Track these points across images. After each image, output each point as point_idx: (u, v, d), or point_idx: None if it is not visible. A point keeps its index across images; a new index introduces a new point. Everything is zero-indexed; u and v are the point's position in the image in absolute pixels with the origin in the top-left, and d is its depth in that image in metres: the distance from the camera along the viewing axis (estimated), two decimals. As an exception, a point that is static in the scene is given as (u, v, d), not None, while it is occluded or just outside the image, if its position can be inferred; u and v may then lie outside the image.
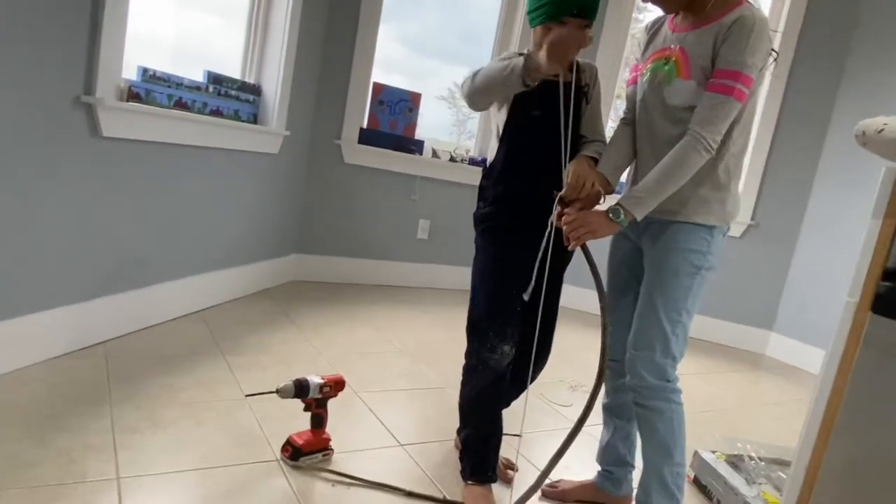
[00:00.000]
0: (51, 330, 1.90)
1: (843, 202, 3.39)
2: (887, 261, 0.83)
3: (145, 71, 2.16)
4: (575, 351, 2.87)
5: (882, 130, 0.82)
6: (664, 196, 1.30)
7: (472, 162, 3.79)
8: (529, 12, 1.46)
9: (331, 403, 1.66)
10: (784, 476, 1.72)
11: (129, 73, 2.11)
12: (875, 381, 0.84)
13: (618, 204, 1.32)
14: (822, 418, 0.87)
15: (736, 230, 3.59)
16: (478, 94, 1.48)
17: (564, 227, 1.35)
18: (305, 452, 1.57)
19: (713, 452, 1.86)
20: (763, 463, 1.80)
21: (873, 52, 3.35)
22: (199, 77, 2.47)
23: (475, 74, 1.47)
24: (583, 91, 1.54)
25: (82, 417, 1.62)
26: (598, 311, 1.39)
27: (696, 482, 1.82)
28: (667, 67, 1.36)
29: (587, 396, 1.37)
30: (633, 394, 1.42)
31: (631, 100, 1.49)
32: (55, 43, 1.74)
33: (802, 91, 3.51)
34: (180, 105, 2.32)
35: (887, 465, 0.84)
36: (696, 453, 1.85)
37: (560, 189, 1.39)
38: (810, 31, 3.46)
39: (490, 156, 1.64)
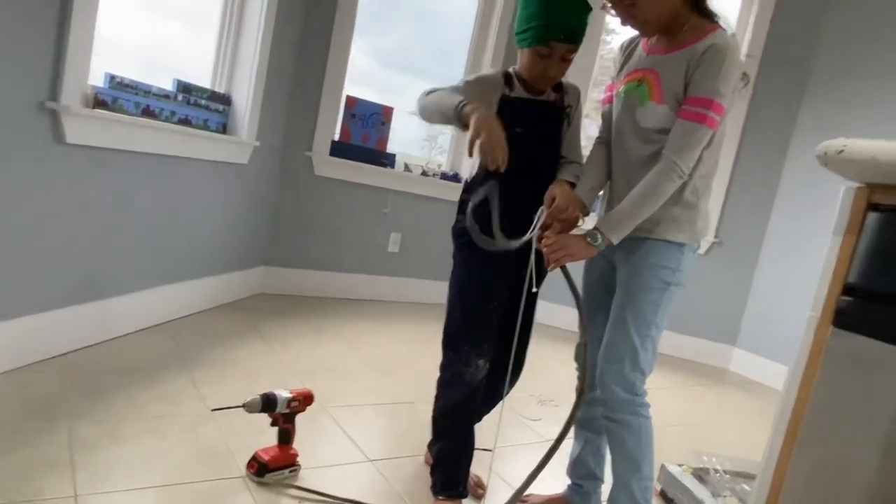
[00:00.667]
0: (5, 342, 1.82)
1: (802, 220, 3.51)
2: (847, 276, 0.86)
3: (112, 78, 2.12)
4: (544, 365, 2.89)
5: (842, 151, 0.86)
6: (640, 220, 1.34)
7: (444, 176, 3.81)
8: (517, 33, 1.47)
9: (298, 418, 1.64)
10: (748, 488, 1.75)
11: (97, 80, 2.07)
12: (836, 391, 0.87)
13: (595, 228, 1.35)
14: (787, 429, 0.89)
15: (700, 247, 3.67)
16: (425, 114, 1.53)
17: (544, 250, 1.37)
18: (272, 468, 1.54)
19: (680, 466, 1.88)
20: (728, 476, 1.83)
21: (832, 77, 3.49)
22: (168, 85, 2.44)
23: (430, 92, 1.49)
24: (565, 112, 1.57)
25: (38, 433, 1.56)
26: (569, 326, 1.42)
27: (663, 495, 1.85)
28: (640, 89, 1.38)
29: (557, 412, 1.38)
30: (603, 407, 1.43)
31: (606, 119, 1.52)
32: (20, 46, 1.69)
33: (764, 113, 3.64)
34: (148, 113, 2.28)
35: (850, 474, 0.86)
36: (662, 466, 1.87)
37: (537, 209, 1.42)
38: (772, 55, 3.60)
39: (467, 170, 1.65)
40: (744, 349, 3.74)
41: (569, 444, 1.71)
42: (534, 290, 1.41)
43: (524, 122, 1.51)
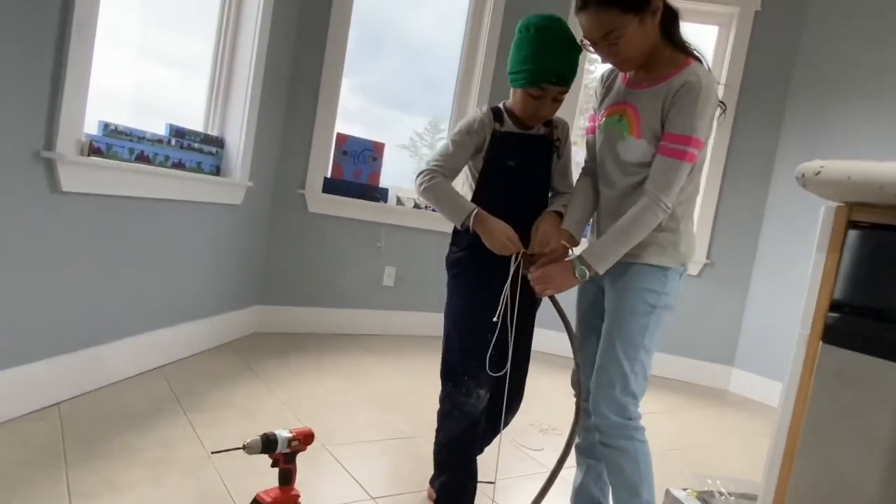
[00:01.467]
0: (2, 392, 1.81)
1: (791, 239, 3.55)
2: (833, 293, 0.88)
3: (107, 125, 2.15)
4: (546, 394, 2.88)
5: (819, 172, 0.89)
6: (623, 251, 1.37)
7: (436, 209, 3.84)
8: (510, 73, 1.51)
9: (299, 457, 1.62)
10: (753, 510, 1.74)
11: (91, 128, 2.10)
12: (831, 407, 0.88)
13: (580, 258, 1.38)
14: (785, 447, 0.90)
15: (693, 269, 3.71)
16: (429, 201, 1.60)
17: (531, 282, 1.41)
18: (274, 510, 1.52)
19: (684, 490, 1.87)
20: (733, 498, 1.82)
21: (811, 100, 3.58)
22: (161, 130, 2.47)
23: (430, 183, 1.54)
24: (555, 145, 1.61)
25: (37, 483, 1.54)
26: (569, 353, 1.44)
27: (669, 521, 1.83)
28: (620, 124, 1.42)
29: (559, 440, 1.40)
30: (598, 433, 1.44)
31: (591, 149, 1.55)
32: (15, 97, 1.72)
33: (747, 137, 3.72)
34: (142, 158, 2.31)
35: (849, 488, 0.87)
36: (667, 491, 1.86)
37: (527, 243, 1.49)
38: (750, 82, 3.69)
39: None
40: (742, 369, 3.75)
41: (569, 472, 1.70)
42: (511, 324, 1.47)
43: (515, 156, 1.55)
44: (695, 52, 1.40)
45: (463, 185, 1.66)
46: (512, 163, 1.55)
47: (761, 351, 3.64)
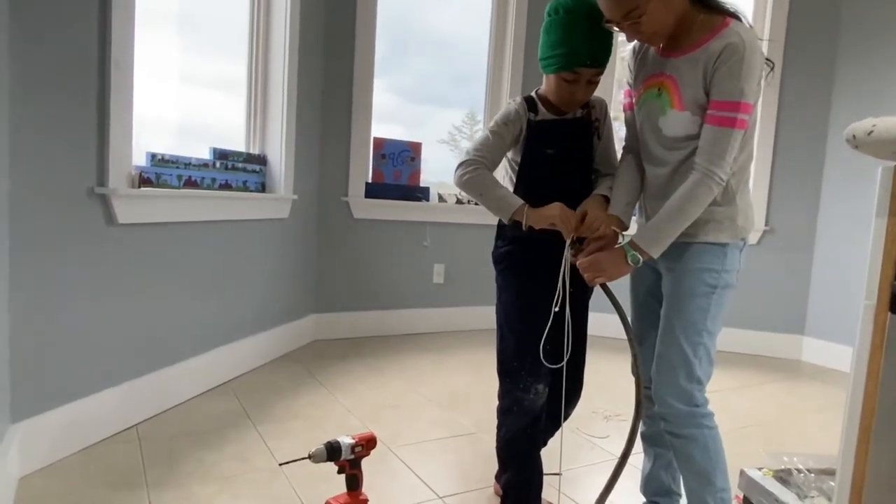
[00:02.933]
0: (82, 419, 1.92)
1: (854, 197, 3.37)
2: (899, 259, 0.82)
3: (154, 156, 2.24)
4: (606, 379, 2.83)
5: (872, 132, 0.83)
6: (677, 232, 1.30)
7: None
8: (541, 59, 1.47)
9: (365, 462, 1.65)
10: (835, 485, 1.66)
11: (139, 158, 2.19)
12: (906, 382, 0.83)
13: (632, 243, 1.33)
14: (859, 426, 0.86)
15: (752, 237, 3.56)
16: (470, 194, 1.54)
17: (581, 270, 1.37)
18: (344, 516, 1.55)
19: (760, 469, 1.80)
20: (813, 475, 1.74)
21: (862, 45, 3.37)
22: (205, 154, 2.56)
23: (473, 174, 1.49)
24: (594, 126, 1.57)
25: (121, 504, 1.62)
26: (625, 335, 1.40)
27: (746, 502, 1.77)
28: (660, 98, 1.35)
29: (623, 426, 1.37)
30: (664, 423, 1.39)
31: (630, 126, 1.49)
32: (65, 139, 1.81)
33: (797, 94, 3.54)
34: (190, 184, 2.39)
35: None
36: (742, 472, 1.80)
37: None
38: (796, 34, 3.51)
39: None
40: (814, 337, 3.58)
41: (637, 459, 1.67)
42: (566, 313, 1.41)
43: (553, 144, 1.52)
44: (732, 11, 1.31)
45: (503, 178, 1.64)
46: (551, 151, 1.52)
47: (834, 316, 3.47)
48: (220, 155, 2.61)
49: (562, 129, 1.53)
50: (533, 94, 1.55)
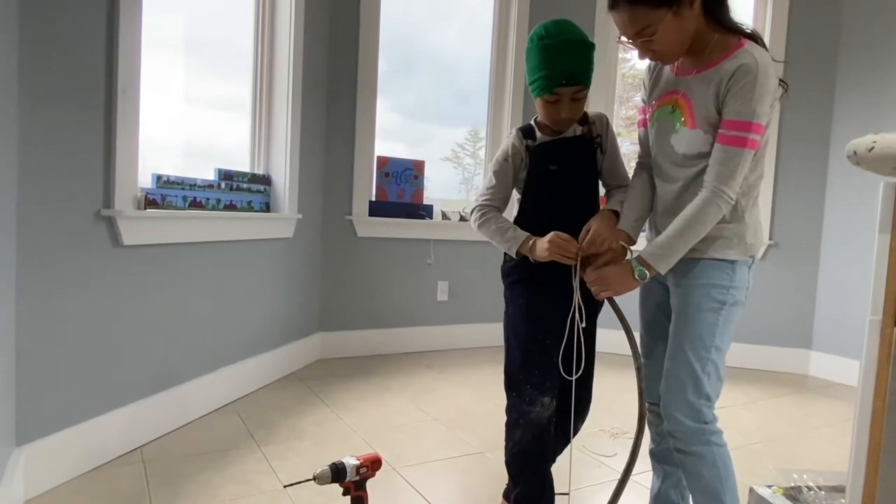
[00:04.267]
0: (87, 441, 1.91)
1: (858, 211, 3.36)
2: (903, 274, 0.82)
3: (159, 178, 2.25)
4: (612, 396, 2.81)
5: (872, 148, 0.84)
6: (685, 249, 1.31)
7: (483, 219, 3.84)
8: (528, 84, 1.52)
9: (371, 483, 1.64)
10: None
11: (144, 180, 2.21)
12: (914, 398, 0.82)
13: (639, 259, 1.33)
14: (868, 442, 0.85)
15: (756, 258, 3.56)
16: (486, 236, 1.60)
17: (588, 284, 1.39)
18: (350, 538, 1.54)
19: (769, 487, 1.79)
20: (823, 492, 1.72)
21: (862, 63, 3.39)
22: (210, 175, 2.58)
23: (482, 220, 1.57)
24: (595, 142, 1.59)
25: (126, 527, 1.61)
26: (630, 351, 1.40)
27: (757, 521, 1.75)
28: (673, 115, 1.36)
29: (630, 443, 1.35)
30: (672, 440, 1.38)
31: (644, 143, 1.51)
32: (73, 161, 1.83)
33: (799, 110, 3.55)
34: (195, 205, 2.41)
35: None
36: (751, 490, 1.78)
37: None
38: (796, 52, 3.54)
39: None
40: (821, 351, 3.56)
41: (646, 478, 1.65)
42: (582, 325, 1.42)
43: (556, 160, 1.55)
44: (748, 31, 1.32)
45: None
46: (554, 167, 1.55)
47: (841, 330, 3.45)
48: (225, 175, 2.63)
49: (562, 147, 1.56)
50: (532, 121, 1.60)
